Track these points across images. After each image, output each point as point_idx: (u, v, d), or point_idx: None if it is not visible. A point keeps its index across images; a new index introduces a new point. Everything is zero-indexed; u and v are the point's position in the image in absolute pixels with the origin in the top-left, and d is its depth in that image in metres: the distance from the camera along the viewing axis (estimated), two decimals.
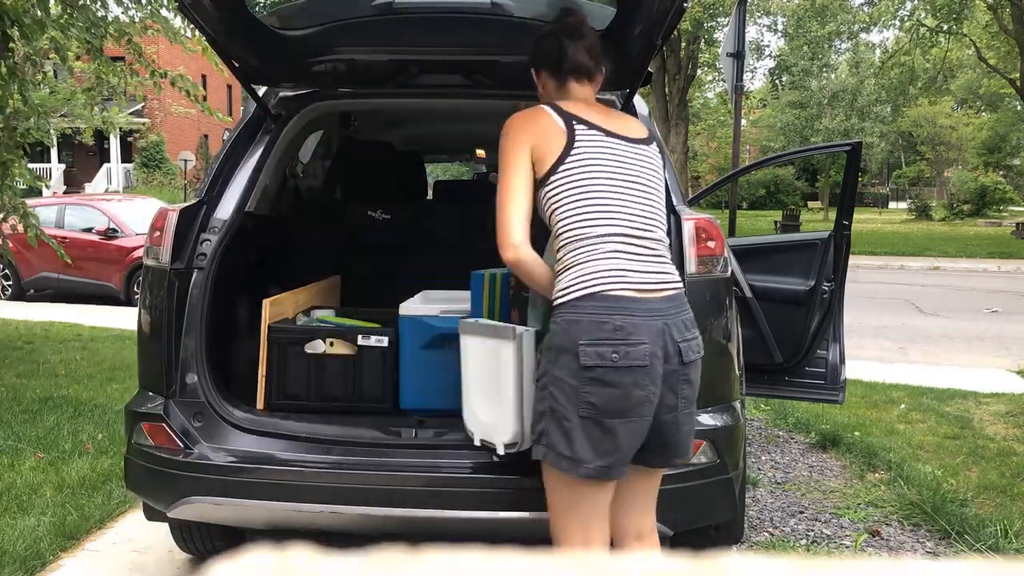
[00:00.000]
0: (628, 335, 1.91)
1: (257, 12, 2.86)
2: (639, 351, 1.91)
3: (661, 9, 2.41)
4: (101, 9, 6.26)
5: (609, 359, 1.90)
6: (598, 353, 1.91)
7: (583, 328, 1.93)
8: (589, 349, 1.91)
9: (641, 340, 1.92)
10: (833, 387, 3.73)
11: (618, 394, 1.92)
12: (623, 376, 1.91)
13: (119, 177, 30.32)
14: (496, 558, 0.44)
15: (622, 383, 1.91)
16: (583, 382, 1.92)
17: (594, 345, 1.91)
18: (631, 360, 1.91)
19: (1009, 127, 40.34)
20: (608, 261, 1.98)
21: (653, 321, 1.95)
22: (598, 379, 1.91)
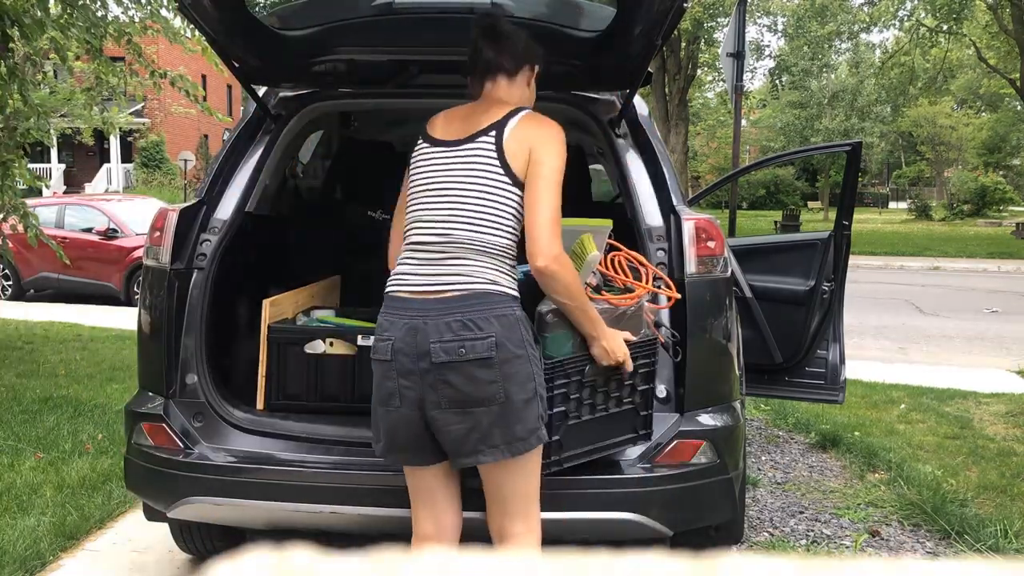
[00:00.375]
0: (383, 331, 2.10)
1: (257, 12, 2.86)
2: (384, 346, 2.08)
3: (661, 9, 2.41)
4: (101, 9, 6.26)
5: (372, 351, 2.14)
6: (372, 347, 2.15)
7: None
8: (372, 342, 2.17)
9: (389, 336, 2.07)
10: (833, 387, 3.73)
11: (375, 383, 2.13)
12: (376, 368, 2.12)
13: (119, 177, 30.32)
14: (495, 558, 0.44)
15: (375, 373, 2.12)
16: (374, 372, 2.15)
17: (374, 339, 2.16)
18: (379, 354, 2.10)
19: (1009, 127, 40.35)
20: (398, 266, 2.18)
21: (408, 320, 2.06)
22: (372, 369, 2.15)
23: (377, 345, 2.11)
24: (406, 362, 2.04)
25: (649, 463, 2.45)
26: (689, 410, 2.52)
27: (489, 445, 2.04)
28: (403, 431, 2.11)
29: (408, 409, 2.07)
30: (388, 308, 2.12)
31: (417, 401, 2.06)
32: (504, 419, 2.03)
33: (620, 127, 2.96)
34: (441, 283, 2.07)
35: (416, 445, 2.13)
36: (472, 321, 2.01)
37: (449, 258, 2.09)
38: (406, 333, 2.04)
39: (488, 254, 2.09)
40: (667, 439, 2.47)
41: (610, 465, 2.45)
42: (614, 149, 2.90)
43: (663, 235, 2.66)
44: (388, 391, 2.09)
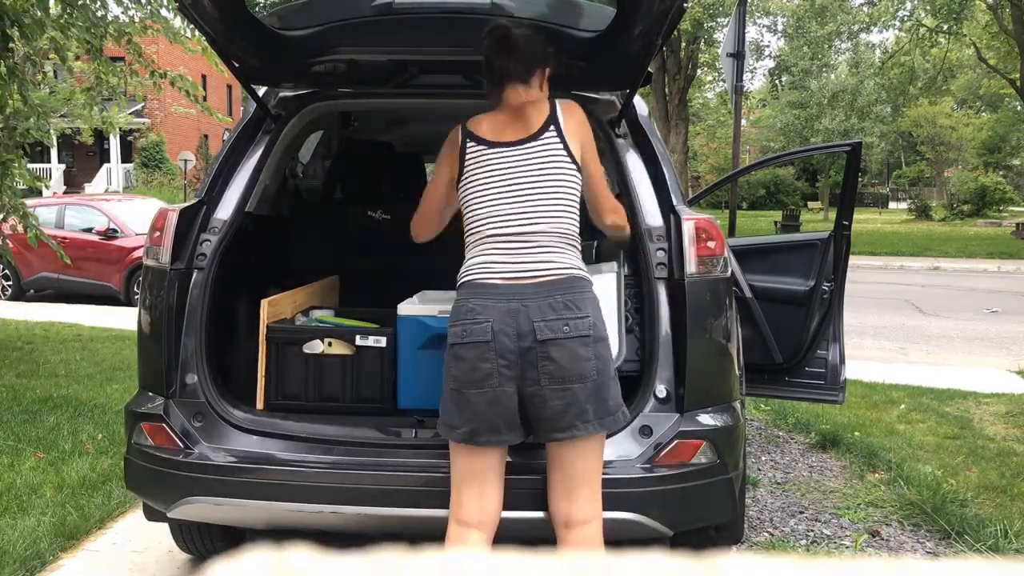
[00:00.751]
0: (476, 315, 2.18)
1: (257, 12, 2.86)
2: (482, 328, 2.16)
3: (661, 9, 2.41)
4: (101, 9, 6.26)
5: (460, 337, 2.20)
6: (454, 332, 2.22)
7: (452, 314, 2.28)
8: (451, 329, 2.25)
9: (486, 319, 2.17)
10: (833, 387, 3.73)
11: (467, 366, 2.18)
12: (469, 351, 2.18)
13: (119, 177, 30.32)
14: (495, 558, 0.44)
15: (468, 357, 2.18)
16: (448, 358, 2.24)
17: (454, 325, 2.24)
18: (474, 336, 2.17)
19: (1009, 127, 40.35)
20: (477, 257, 2.29)
21: (505, 303, 2.18)
22: (454, 354, 2.22)
23: (472, 328, 2.18)
24: (507, 342, 2.15)
25: (649, 463, 2.45)
26: (689, 410, 2.52)
27: (583, 420, 2.17)
28: (496, 410, 2.18)
29: (506, 388, 2.16)
30: (477, 293, 2.21)
31: (515, 379, 2.16)
32: (597, 395, 2.18)
33: (620, 127, 2.96)
34: (534, 270, 2.22)
35: (503, 424, 2.20)
36: (572, 302, 2.19)
37: (536, 247, 2.24)
38: (505, 315, 2.16)
39: (568, 242, 2.29)
40: (667, 439, 2.47)
41: (610, 465, 2.46)
42: (614, 149, 2.90)
43: (663, 235, 2.66)
44: (485, 372, 2.16)
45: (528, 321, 2.15)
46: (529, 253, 2.24)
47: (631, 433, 2.49)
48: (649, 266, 2.63)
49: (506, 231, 2.26)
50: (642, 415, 2.51)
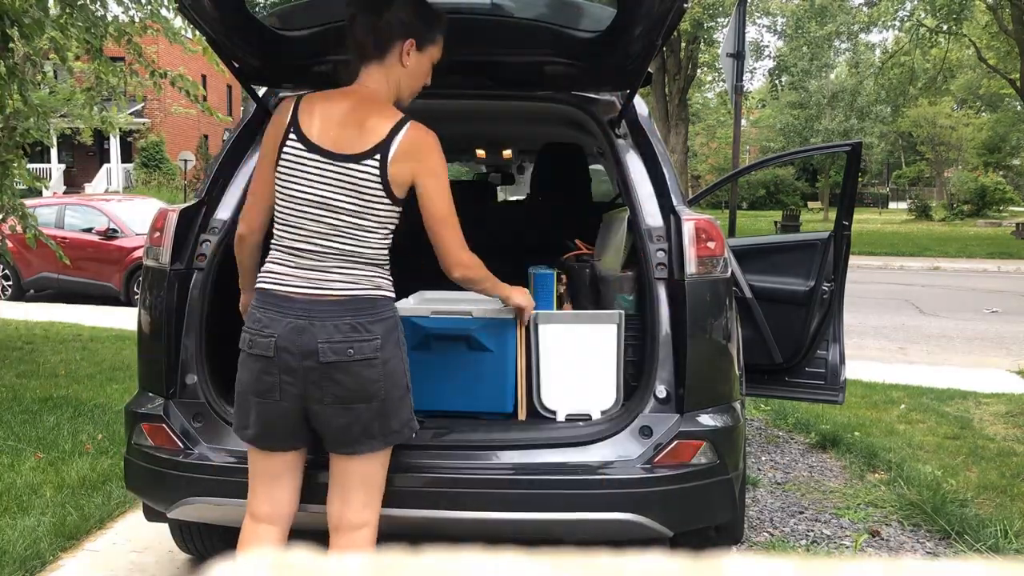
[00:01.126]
0: (263, 327, 2.14)
1: (257, 12, 2.86)
2: (266, 342, 2.13)
3: (661, 10, 2.41)
4: (100, 9, 6.26)
5: (247, 344, 2.18)
6: (243, 338, 2.19)
7: (247, 317, 2.22)
8: (242, 334, 2.20)
9: (271, 333, 2.12)
10: (833, 387, 3.73)
11: (250, 376, 2.17)
12: (253, 362, 2.16)
13: (119, 177, 30.32)
14: (496, 558, 0.44)
15: (252, 367, 2.16)
16: (240, 362, 2.22)
17: (244, 331, 2.20)
18: (258, 349, 2.14)
19: (1009, 127, 40.34)
20: (274, 265, 2.21)
21: (292, 318, 2.12)
22: (241, 361, 2.20)
23: (256, 340, 2.14)
24: (290, 360, 2.11)
25: (649, 464, 2.45)
26: (689, 410, 2.52)
27: (368, 437, 2.18)
28: (279, 421, 2.18)
29: (288, 403, 2.15)
30: (267, 304, 2.16)
31: (298, 396, 2.14)
32: (383, 414, 2.18)
33: (620, 127, 2.96)
34: (326, 287, 2.15)
35: (288, 434, 2.21)
36: (361, 324, 2.13)
37: (333, 265, 2.17)
38: (291, 331, 2.11)
39: (371, 263, 2.19)
40: (667, 439, 2.47)
41: (610, 466, 2.46)
42: (614, 149, 2.90)
43: (663, 235, 2.66)
44: (268, 384, 2.14)
45: (313, 340, 2.10)
46: (324, 271, 2.16)
47: (631, 433, 2.49)
48: (649, 266, 2.63)
49: (303, 247, 2.17)
50: (642, 415, 2.51)
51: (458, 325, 2.71)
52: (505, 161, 7.43)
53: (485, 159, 7.40)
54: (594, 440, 2.49)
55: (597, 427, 2.55)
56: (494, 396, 2.71)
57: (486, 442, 2.55)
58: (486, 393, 2.72)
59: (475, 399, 2.73)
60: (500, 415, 2.72)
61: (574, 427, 2.59)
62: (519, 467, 2.47)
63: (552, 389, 2.70)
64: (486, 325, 2.68)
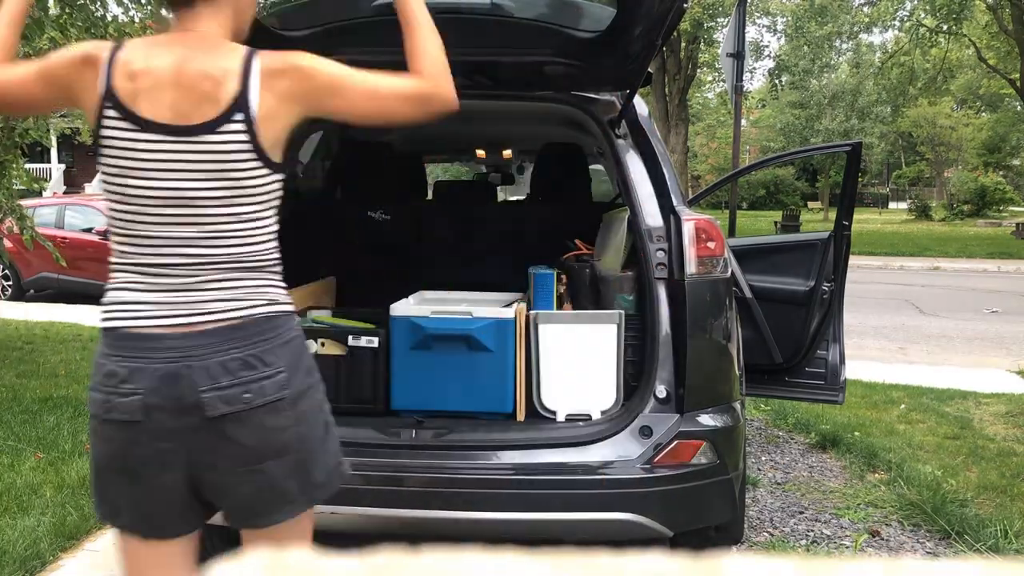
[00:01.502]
0: (120, 383, 1.57)
1: (257, 13, 2.86)
2: (131, 403, 1.56)
3: (661, 10, 2.41)
4: (100, 9, 6.25)
5: (103, 409, 1.59)
6: (93, 400, 1.61)
7: (94, 370, 1.63)
8: (91, 395, 1.62)
9: (135, 389, 1.56)
10: (833, 387, 3.73)
11: (112, 450, 1.61)
12: (116, 431, 1.59)
13: None
14: (496, 558, 0.44)
15: (116, 438, 1.60)
16: (90, 432, 1.65)
17: (93, 391, 1.61)
18: (121, 413, 1.57)
19: (1009, 127, 40.32)
20: (123, 292, 1.61)
21: (160, 363, 1.56)
22: (94, 431, 1.63)
23: (116, 402, 1.57)
24: (166, 420, 1.56)
25: (649, 463, 2.45)
26: (689, 410, 2.52)
27: (286, 501, 1.66)
28: (161, 502, 1.63)
29: (171, 475, 1.61)
30: (123, 348, 1.58)
31: (184, 465, 1.60)
32: (302, 467, 1.65)
33: (620, 127, 2.96)
34: (202, 311, 1.59)
35: (178, 515, 1.66)
36: (256, 356, 1.59)
37: (206, 281, 1.61)
38: (161, 382, 1.56)
39: (258, 268, 1.66)
40: (667, 439, 2.47)
41: (610, 466, 2.46)
42: (614, 149, 2.90)
43: (663, 235, 2.67)
44: (139, 459, 1.59)
45: (194, 391, 1.55)
46: (191, 290, 1.59)
47: (631, 433, 2.49)
48: (649, 266, 2.63)
49: (160, 261, 1.60)
50: (642, 415, 2.51)
51: (458, 325, 2.71)
52: (505, 161, 7.43)
53: (485, 159, 7.40)
54: (594, 440, 2.50)
55: (597, 427, 2.55)
56: (494, 396, 2.71)
57: (486, 442, 2.55)
58: (486, 393, 2.72)
59: (475, 399, 2.73)
60: (500, 415, 2.72)
61: (574, 427, 2.59)
62: (519, 467, 2.47)
63: (552, 389, 2.70)
64: (486, 325, 2.68)
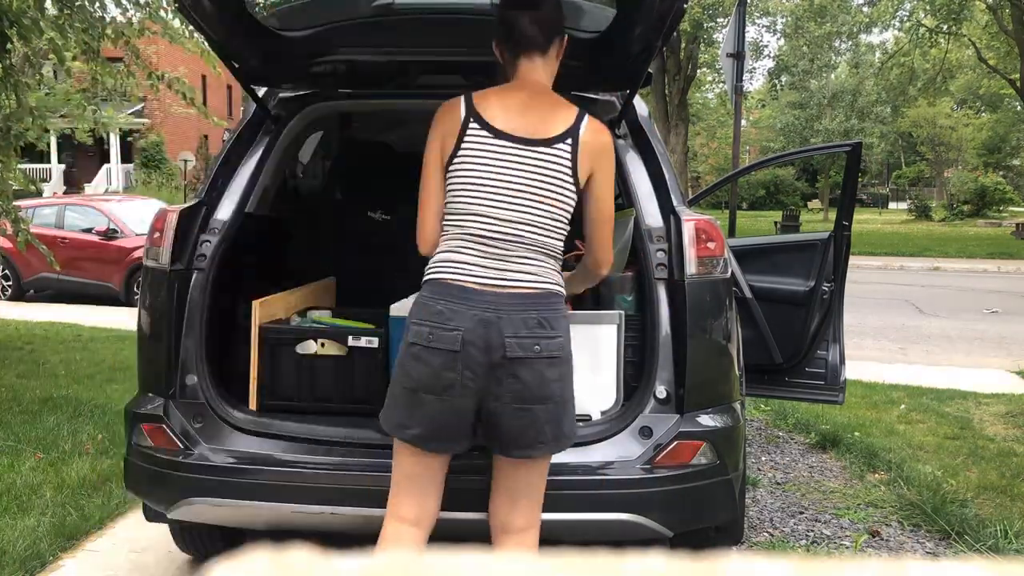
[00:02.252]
0: (446, 320, 2.04)
1: (257, 13, 2.86)
2: (451, 336, 2.03)
3: (661, 10, 2.41)
4: (99, 10, 6.24)
5: (425, 339, 2.05)
6: (418, 332, 2.07)
7: (416, 309, 2.11)
8: (413, 327, 2.09)
9: (457, 327, 2.03)
10: (833, 388, 3.73)
11: (429, 372, 2.05)
12: (434, 356, 2.04)
13: (119, 178, 30.29)
14: (496, 558, 0.44)
15: (432, 363, 2.04)
16: (407, 356, 2.10)
17: (417, 324, 2.08)
18: (442, 343, 2.03)
19: (1009, 128, 40.35)
20: (453, 254, 2.12)
21: (478, 311, 2.04)
22: (416, 356, 2.07)
23: (441, 335, 2.04)
24: (476, 354, 2.03)
25: (649, 464, 2.45)
26: (689, 411, 2.52)
27: (540, 441, 2.10)
28: (452, 420, 2.09)
29: (467, 400, 2.06)
30: (449, 296, 2.07)
31: (477, 392, 2.06)
32: (557, 417, 2.10)
33: (620, 128, 2.96)
34: (513, 279, 2.09)
35: (459, 433, 2.13)
36: (547, 320, 2.07)
37: (519, 256, 2.11)
38: (477, 325, 2.03)
39: (552, 256, 2.16)
40: (667, 440, 2.47)
41: (610, 466, 2.46)
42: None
43: (663, 236, 2.66)
44: (448, 381, 2.04)
45: (500, 335, 2.02)
46: (510, 260, 2.10)
47: (631, 434, 2.49)
48: (649, 267, 2.63)
49: (490, 233, 2.11)
50: (642, 416, 2.51)
51: None
52: None
53: None
54: (594, 440, 2.49)
55: (597, 427, 2.55)
56: None
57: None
58: None
59: None
60: None
61: None
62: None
63: None
64: None
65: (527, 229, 2.11)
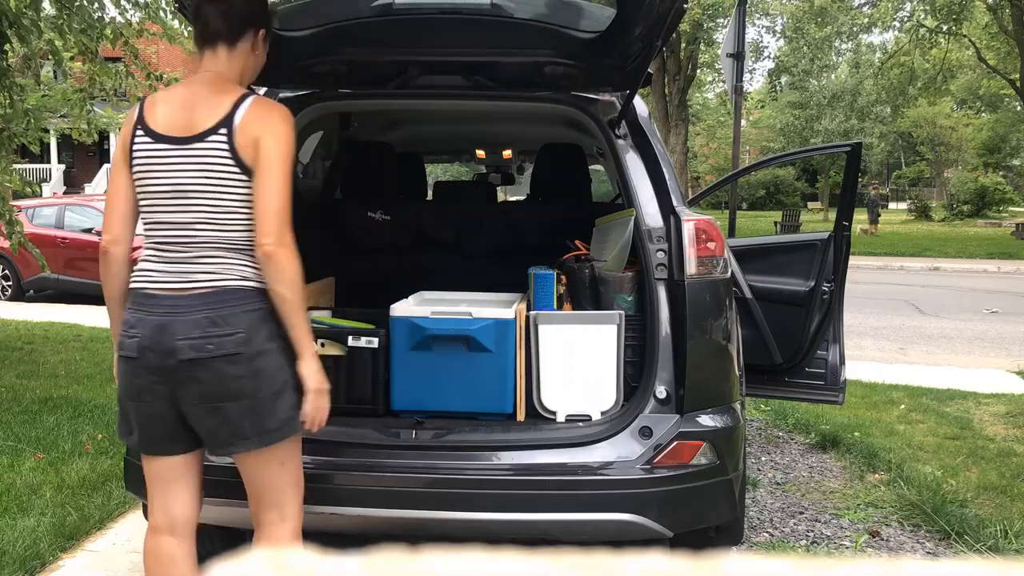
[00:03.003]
0: (130, 327, 2.12)
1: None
2: (132, 343, 2.10)
3: (661, 10, 2.41)
4: (98, 11, 6.24)
5: (120, 347, 2.15)
6: (119, 342, 2.16)
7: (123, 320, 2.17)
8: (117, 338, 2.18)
9: (136, 333, 2.09)
10: (833, 388, 3.73)
11: (124, 380, 2.14)
12: (125, 365, 2.13)
13: None
14: (495, 558, 0.44)
15: (124, 371, 2.14)
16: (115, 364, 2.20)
17: (119, 335, 2.16)
18: (127, 351, 2.11)
19: (1009, 128, 40.31)
20: (144, 263, 2.17)
21: (155, 317, 2.08)
22: (118, 366, 2.17)
23: (125, 342, 2.12)
24: (153, 359, 2.07)
25: (649, 464, 2.45)
26: (689, 411, 2.52)
27: (240, 437, 2.11)
28: (156, 424, 2.15)
29: (161, 403, 2.11)
30: (136, 304, 2.13)
31: (168, 396, 2.10)
32: (254, 412, 2.09)
33: (620, 128, 2.96)
34: (190, 280, 2.10)
35: (169, 436, 2.17)
36: (221, 318, 2.06)
37: (197, 256, 2.12)
38: (154, 330, 2.07)
39: (235, 249, 2.13)
40: (667, 440, 2.47)
41: (610, 466, 2.46)
42: (614, 150, 2.90)
43: (663, 236, 2.66)
44: (138, 387, 2.12)
45: (172, 338, 2.05)
46: (189, 263, 2.11)
47: (631, 434, 2.49)
48: (649, 267, 2.63)
49: (168, 238, 2.14)
50: (642, 416, 2.51)
51: (458, 326, 2.71)
52: (505, 161, 7.43)
53: (485, 159, 7.41)
54: (594, 441, 2.49)
55: (597, 428, 2.55)
56: (494, 397, 2.71)
57: (486, 443, 2.55)
58: (486, 394, 2.72)
59: (475, 400, 2.73)
60: (500, 416, 2.72)
61: (574, 428, 2.59)
62: (519, 468, 2.47)
63: (552, 390, 2.70)
64: (486, 326, 2.68)
65: (201, 228, 2.11)
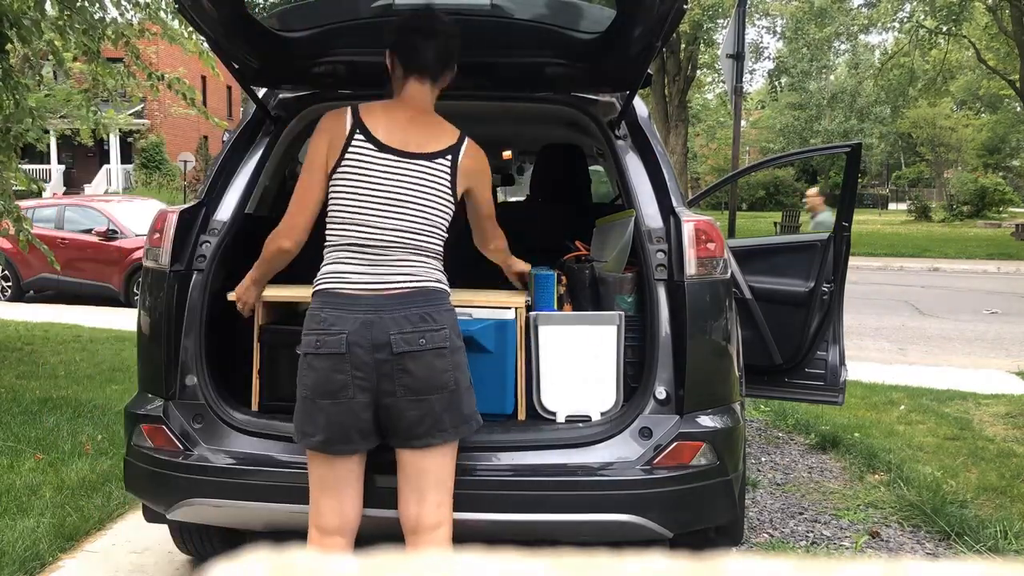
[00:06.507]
0: (329, 326, 2.17)
1: (257, 13, 2.86)
2: (336, 340, 2.16)
3: (661, 11, 2.41)
4: (99, 11, 6.24)
5: (313, 346, 2.19)
6: (307, 341, 2.21)
7: (305, 321, 2.24)
8: (304, 338, 2.23)
9: (340, 330, 2.16)
10: (833, 388, 3.73)
11: (320, 377, 2.18)
12: (322, 362, 2.17)
13: (119, 178, 30.30)
14: (495, 559, 0.44)
15: (322, 368, 2.18)
16: (301, 367, 2.24)
17: (307, 335, 2.22)
18: (329, 348, 2.16)
19: (1009, 128, 40.36)
20: (337, 265, 2.26)
21: (360, 314, 2.17)
22: (308, 364, 2.21)
23: (325, 339, 2.16)
24: (361, 354, 2.14)
25: (649, 465, 2.45)
26: (689, 412, 2.52)
27: (439, 429, 2.21)
28: (349, 420, 2.19)
29: (363, 398, 2.17)
30: (331, 304, 2.19)
31: (370, 391, 2.17)
32: (453, 404, 2.22)
33: (620, 128, 2.96)
34: (392, 281, 2.21)
35: (357, 434, 2.21)
36: (428, 314, 2.20)
37: (398, 259, 2.24)
38: (361, 327, 2.15)
39: (432, 256, 2.30)
40: (667, 441, 2.47)
41: (610, 467, 2.46)
42: (614, 151, 2.90)
43: (663, 237, 2.66)
44: (339, 383, 2.16)
45: (384, 333, 2.15)
46: (389, 264, 2.23)
47: (631, 435, 2.49)
48: (649, 267, 2.63)
49: (371, 241, 2.24)
50: (642, 417, 2.51)
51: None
52: (505, 162, 7.43)
53: None
54: (594, 441, 2.49)
55: (597, 428, 2.55)
56: (494, 397, 2.71)
57: (486, 443, 2.55)
58: (486, 394, 2.71)
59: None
60: (500, 416, 2.72)
61: (574, 428, 2.59)
62: (519, 468, 2.47)
63: (552, 390, 2.70)
64: (486, 326, 2.68)
65: (406, 235, 2.24)
